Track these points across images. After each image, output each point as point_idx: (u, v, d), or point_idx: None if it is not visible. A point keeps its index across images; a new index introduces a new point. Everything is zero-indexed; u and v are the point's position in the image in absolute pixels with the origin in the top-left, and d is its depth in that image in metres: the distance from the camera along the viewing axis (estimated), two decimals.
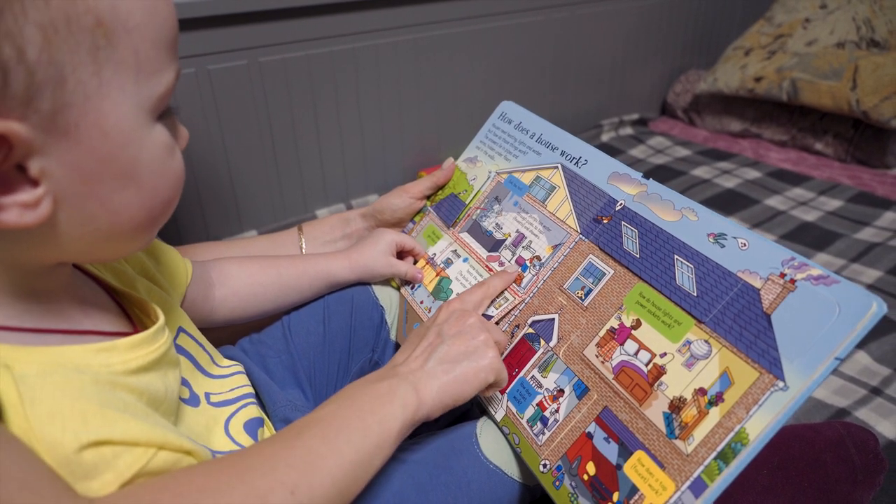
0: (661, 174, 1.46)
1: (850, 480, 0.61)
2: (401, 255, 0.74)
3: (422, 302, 0.67)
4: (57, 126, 0.32)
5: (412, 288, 0.70)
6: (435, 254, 0.71)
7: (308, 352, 0.67)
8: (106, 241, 0.38)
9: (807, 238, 1.18)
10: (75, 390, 0.34)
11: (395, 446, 0.45)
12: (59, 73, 0.31)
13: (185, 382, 0.48)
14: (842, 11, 1.59)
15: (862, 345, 0.86)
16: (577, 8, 1.51)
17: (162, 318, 0.44)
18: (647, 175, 0.59)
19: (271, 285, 0.65)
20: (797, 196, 1.34)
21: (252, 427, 0.52)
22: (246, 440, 0.50)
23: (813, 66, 1.51)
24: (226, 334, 0.69)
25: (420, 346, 0.53)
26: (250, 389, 0.55)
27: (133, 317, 0.47)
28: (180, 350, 0.50)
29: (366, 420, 0.44)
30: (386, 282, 0.72)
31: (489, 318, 0.61)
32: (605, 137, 1.68)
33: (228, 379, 0.54)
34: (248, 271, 0.65)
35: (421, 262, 0.72)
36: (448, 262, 0.69)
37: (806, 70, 1.51)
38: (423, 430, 0.66)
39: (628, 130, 1.73)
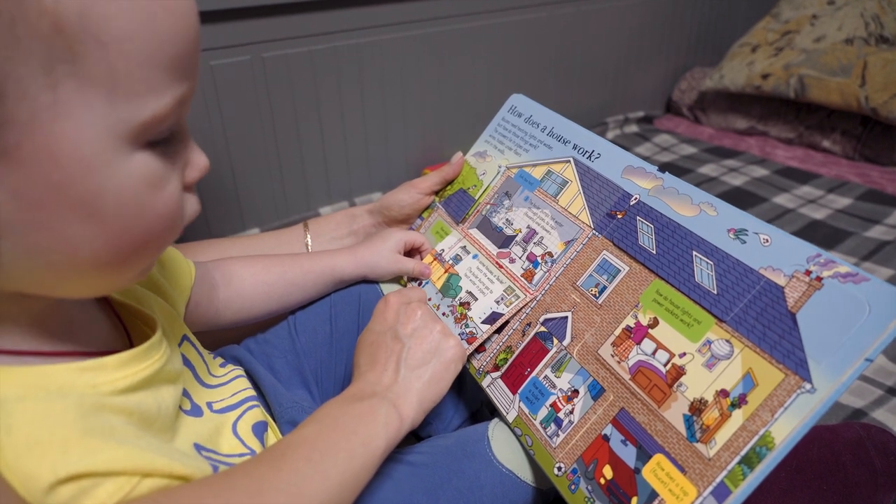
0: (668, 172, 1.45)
1: (871, 483, 0.59)
2: (410, 253, 0.72)
3: (430, 299, 0.65)
4: None
5: (420, 284, 0.68)
6: (443, 249, 0.69)
7: (314, 351, 0.65)
8: (69, 277, 0.33)
9: (817, 236, 1.16)
10: (57, 416, 0.31)
11: (378, 465, 0.44)
12: None
13: (186, 393, 0.46)
14: (850, 7, 1.57)
15: None
16: (582, 4, 1.49)
17: (158, 333, 0.42)
18: (662, 169, 0.57)
19: (276, 284, 0.63)
20: (805, 194, 1.33)
21: (259, 430, 0.51)
22: (254, 442, 0.49)
23: (821, 62, 1.49)
24: (231, 334, 0.67)
25: (382, 354, 0.52)
26: (252, 392, 0.54)
27: (135, 330, 0.45)
28: (183, 360, 0.48)
29: (351, 441, 0.43)
30: (395, 280, 0.71)
31: (500, 315, 0.60)
32: (610, 135, 1.66)
33: (226, 386, 0.53)
34: (252, 270, 0.63)
35: (428, 258, 0.70)
36: (457, 259, 0.67)
37: (814, 67, 1.50)
38: (434, 433, 0.64)
39: (633, 128, 1.72)
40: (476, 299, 0.62)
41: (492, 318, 0.60)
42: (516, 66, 1.45)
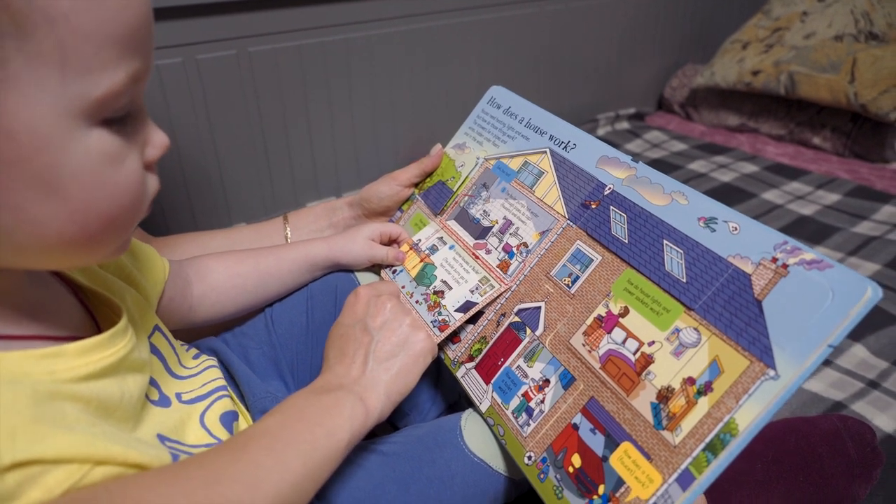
0: (657, 168, 1.43)
1: (847, 475, 0.59)
2: (388, 245, 0.72)
3: (404, 287, 0.65)
4: None
5: (394, 273, 0.68)
6: (420, 239, 0.69)
7: (291, 343, 0.65)
8: (38, 254, 0.33)
9: (804, 232, 1.16)
10: (6, 404, 0.31)
11: (342, 458, 0.44)
12: None
13: (154, 383, 0.45)
14: (840, 4, 1.57)
15: (859, 338, 0.85)
16: (572, 0, 1.49)
17: (123, 321, 0.42)
18: (636, 158, 0.57)
19: (250, 275, 0.63)
20: (794, 190, 1.33)
21: (227, 420, 0.50)
22: (222, 432, 0.49)
23: (811, 59, 1.49)
24: (209, 331, 0.67)
25: (350, 347, 0.52)
26: (222, 382, 0.53)
27: (103, 317, 0.44)
28: (154, 350, 0.48)
29: (314, 432, 0.42)
30: (372, 271, 0.71)
31: (474, 304, 0.60)
32: (600, 132, 1.66)
33: (197, 377, 0.52)
34: (226, 264, 0.63)
35: (405, 248, 0.70)
36: (433, 249, 0.67)
37: (804, 63, 1.50)
38: (408, 422, 0.64)
39: (624, 125, 1.72)
40: (451, 288, 0.62)
41: (465, 307, 0.60)
42: (506, 62, 1.45)
